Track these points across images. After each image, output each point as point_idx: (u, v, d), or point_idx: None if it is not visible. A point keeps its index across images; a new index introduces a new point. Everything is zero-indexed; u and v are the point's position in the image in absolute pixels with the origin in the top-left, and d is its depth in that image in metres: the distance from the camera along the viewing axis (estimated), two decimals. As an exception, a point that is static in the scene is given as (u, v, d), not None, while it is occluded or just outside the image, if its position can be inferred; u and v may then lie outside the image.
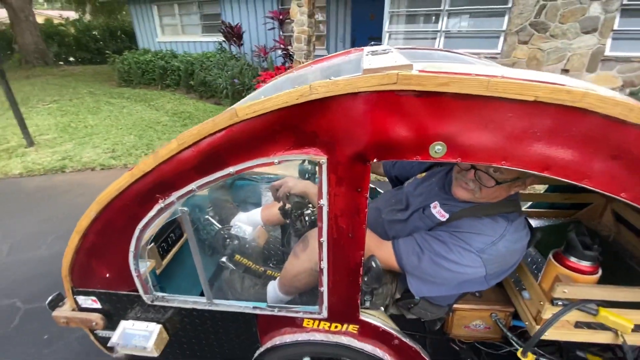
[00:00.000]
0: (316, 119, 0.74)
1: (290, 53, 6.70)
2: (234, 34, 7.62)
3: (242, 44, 7.85)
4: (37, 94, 7.84)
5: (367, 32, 7.42)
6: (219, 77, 7.14)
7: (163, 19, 10.06)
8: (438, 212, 1.09)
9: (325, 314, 1.05)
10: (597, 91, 0.63)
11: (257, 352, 1.16)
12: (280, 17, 7.49)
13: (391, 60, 0.75)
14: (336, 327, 1.09)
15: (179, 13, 9.64)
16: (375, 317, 1.09)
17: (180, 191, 0.90)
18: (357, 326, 1.08)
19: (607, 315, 0.93)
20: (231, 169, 0.84)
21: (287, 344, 1.10)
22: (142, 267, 1.09)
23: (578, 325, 1.00)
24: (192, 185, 0.89)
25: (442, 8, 5.46)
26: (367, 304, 1.11)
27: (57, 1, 22.48)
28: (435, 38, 5.69)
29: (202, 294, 1.11)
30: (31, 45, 12.20)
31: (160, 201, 0.93)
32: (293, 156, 0.80)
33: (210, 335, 1.20)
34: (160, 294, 1.13)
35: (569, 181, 0.70)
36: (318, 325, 1.09)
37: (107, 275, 1.12)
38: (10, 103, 4.44)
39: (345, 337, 1.09)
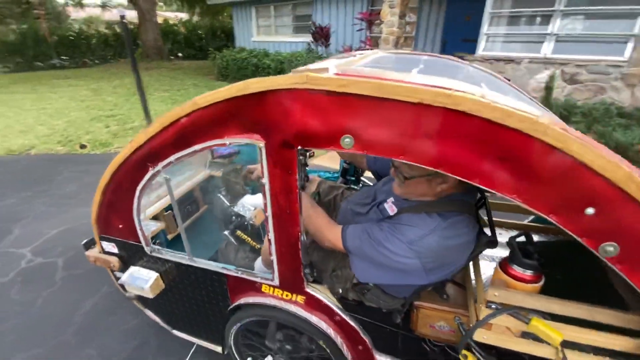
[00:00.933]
0: (254, 110, 0.87)
1: (376, 54, 6.70)
2: (322, 35, 7.90)
3: (329, 45, 8.10)
4: (153, 84, 9.23)
5: (460, 34, 7.01)
6: (304, 75, 7.50)
7: (259, 20, 10.92)
8: (390, 207, 1.16)
9: (277, 281, 1.18)
10: (478, 96, 0.67)
11: (228, 309, 1.34)
12: (370, 18, 7.52)
13: (327, 63, 0.83)
14: (287, 295, 1.21)
15: (274, 14, 10.36)
16: (319, 291, 1.18)
17: (164, 162, 1.09)
18: (304, 297, 1.19)
19: (538, 325, 0.89)
20: (196, 147, 1.01)
21: (249, 304, 1.27)
22: (145, 223, 1.33)
23: (524, 335, 0.98)
24: (171, 158, 1.07)
25: (555, 8, 4.87)
26: (310, 277, 1.19)
27: (173, 4, 25.97)
28: (542, 42, 5.11)
29: (209, 259, 1.30)
30: (151, 42, 14.38)
31: (150, 169, 1.13)
32: (240, 139, 0.93)
33: (194, 289, 1.39)
34: (156, 247, 1.35)
35: (462, 179, 0.74)
36: (273, 292, 1.23)
37: (120, 226, 1.36)
38: (137, 89, 5.32)
39: (294, 305, 1.21)
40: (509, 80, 1.64)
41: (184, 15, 22.40)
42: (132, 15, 17.37)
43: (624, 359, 0.89)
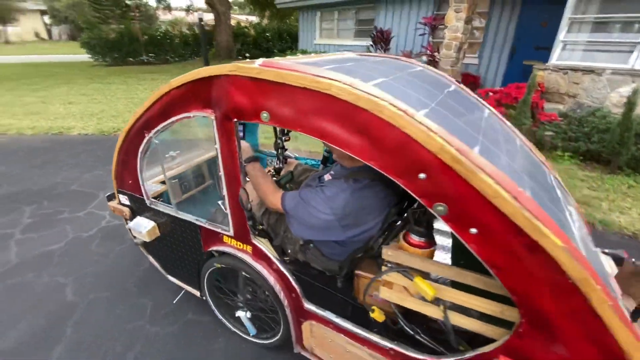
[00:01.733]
0: (207, 90, 1.13)
1: (437, 59, 6.52)
2: (382, 39, 7.91)
3: (388, 49, 8.08)
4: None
5: (533, 42, 6.51)
6: (360, 78, 7.59)
7: (323, 23, 11.27)
8: (327, 177, 1.38)
9: (232, 232, 1.42)
10: (343, 83, 0.85)
11: (202, 256, 1.64)
12: (434, 23, 7.34)
13: (259, 60, 1.03)
14: (239, 245, 1.45)
15: (337, 18, 10.62)
16: (262, 244, 1.40)
17: (154, 130, 1.40)
18: (251, 247, 1.42)
19: (419, 282, 1.03)
20: (174, 118, 1.30)
21: (214, 251, 1.55)
22: (148, 183, 1.67)
23: (420, 297, 1.08)
24: (158, 127, 1.37)
25: (653, 14, 4.31)
26: (254, 230, 1.40)
27: (246, 7, 27.85)
28: (631, 51, 4.55)
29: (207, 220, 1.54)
30: (224, 43, 15.62)
31: (146, 135, 1.45)
32: (201, 113, 1.19)
33: (179, 238, 1.70)
34: (154, 200, 1.68)
35: (337, 147, 0.91)
36: (230, 242, 1.48)
37: (130, 182, 1.68)
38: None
39: (244, 254, 1.45)
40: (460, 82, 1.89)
41: (254, 19, 23.91)
42: (209, 17, 19.07)
43: (499, 323, 0.95)
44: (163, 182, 1.91)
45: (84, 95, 8.04)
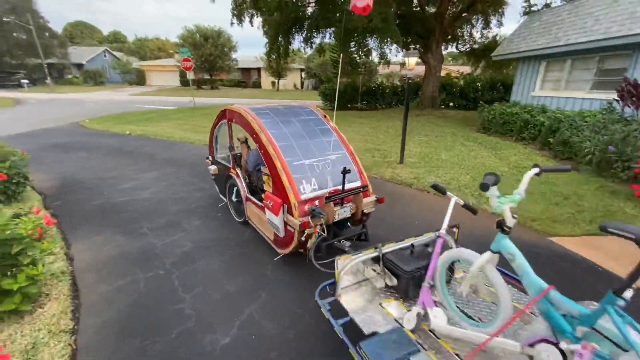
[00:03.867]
0: (225, 114, 3.91)
1: None
2: (635, 94, 6.12)
3: (643, 105, 6.15)
4: (417, 128, 10.65)
5: None
6: (588, 139, 6.13)
7: (547, 74, 9.90)
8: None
9: (231, 166, 4.22)
10: (258, 106, 3.79)
11: (226, 178, 4.33)
12: None
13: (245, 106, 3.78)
14: (233, 171, 4.09)
15: (569, 68, 9.07)
16: (238, 174, 4.04)
17: (216, 127, 4.34)
18: (235, 173, 4.06)
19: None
20: (222, 122, 4.10)
21: (229, 174, 4.18)
22: (217, 152, 4.58)
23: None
24: (217, 125, 4.31)
25: None
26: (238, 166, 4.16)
27: (460, 59, 28.06)
28: None
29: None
30: (429, 93, 16.41)
31: (214, 131, 4.41)
32: (223, 121, 4.01)
33: (222, 170, 4.42)
34: (216, 159, 4.56)
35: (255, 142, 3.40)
36: (232, 171, 4.13)
37: (211, 150, 4.60)
38: (402, 132, 6.50)
39: (236, 176, 4.04)
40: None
41: (466, 69, 23.72)
42: (421, 69, 20.56)
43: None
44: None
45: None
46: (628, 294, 1.24)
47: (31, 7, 34.22)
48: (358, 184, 3.20)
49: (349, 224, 3.34)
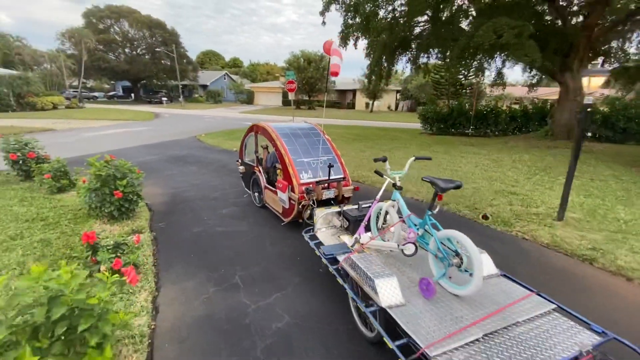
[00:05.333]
0: (252, 129, 5.59)
1: None
2: None
3: None
4: (556, 166, 8.40)
5: None
6: None
7: None
8: None
9: (257, 166, 5.86)
10: (278, 124, 5.67)
11: (251, 174, 5.94)
12: None
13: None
14: (257, 169, 5.69)
15: None
16: (259, 170, 5.64)
17: (246, 137, 5.93)
18: (258, 170, 5.64)
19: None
20: (251, 134, 5.73)
21: (253, 171, 5.78)
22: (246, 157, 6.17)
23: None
24: (246, 137, 5.92)
25: None
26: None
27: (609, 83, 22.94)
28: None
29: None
30: (563, 121, 13.40)
31: (245, 140, 6.02)
32: (251, 133, 5.65)
33: (248, 169, 6.01)
34: (244, 161, 6.16)
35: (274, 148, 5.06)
36: (254, 169, 5.78)
37: (240, 155, 6.21)
38: (567, 176, 4.77)
39: (258, 173, 5.61)
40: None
41: (613, 92, 19.08)
42: (549, 90, 17.21)
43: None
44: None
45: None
46: (434, 210, 2.57)
47: (177, 39, 41.88)
48: (341, 176, 4.60)
49: (332, 202, 4.46)
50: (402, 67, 17.28)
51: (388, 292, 2.20)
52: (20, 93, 23.10)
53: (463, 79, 32.96)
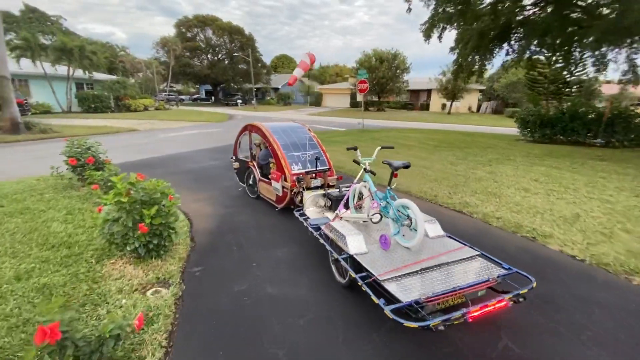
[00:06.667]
0: (246, 126, 6.13)
1: None
2: None
3: None
4: None
5: None
6: None
7: None
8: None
9: (251, 160, 6.32)
10: (270, 123, 6.44)
11: (246, 169, 6.38)
12: None
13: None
14: (251, 164, 6.17)
15: None
16: (253, 165, 6.13)
17: (240, 135, 6.36)
18: (252, 165, 6.16)
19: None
20: (244, 133, 6.19)
21: (247, 166, 6.25)
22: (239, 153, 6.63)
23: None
24: (240, 135, 6.36)
25: None
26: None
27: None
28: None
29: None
30: None
31: (239, 138, 6.46)
32: (245, 132, 6.14)
33: (242, 165, 6.45)
34: (238, 157, 6.62)
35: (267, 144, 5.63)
36: (249, 164, 6.23)
37: (234, 151, 6.70)
38: None
39: (252, 167, 6.09)
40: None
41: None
42: None
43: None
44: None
45: (536, 181, 6.95)
46: (392, 185, 3.25)
47: (253, 44, 43.70)
48: (326, 167, 5.26)
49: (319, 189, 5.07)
50: (504, 60, 14.11)
51: (355, 244, 2.90)
52: (119, 96, 25.92)
53: (568, 75, 27.37)
